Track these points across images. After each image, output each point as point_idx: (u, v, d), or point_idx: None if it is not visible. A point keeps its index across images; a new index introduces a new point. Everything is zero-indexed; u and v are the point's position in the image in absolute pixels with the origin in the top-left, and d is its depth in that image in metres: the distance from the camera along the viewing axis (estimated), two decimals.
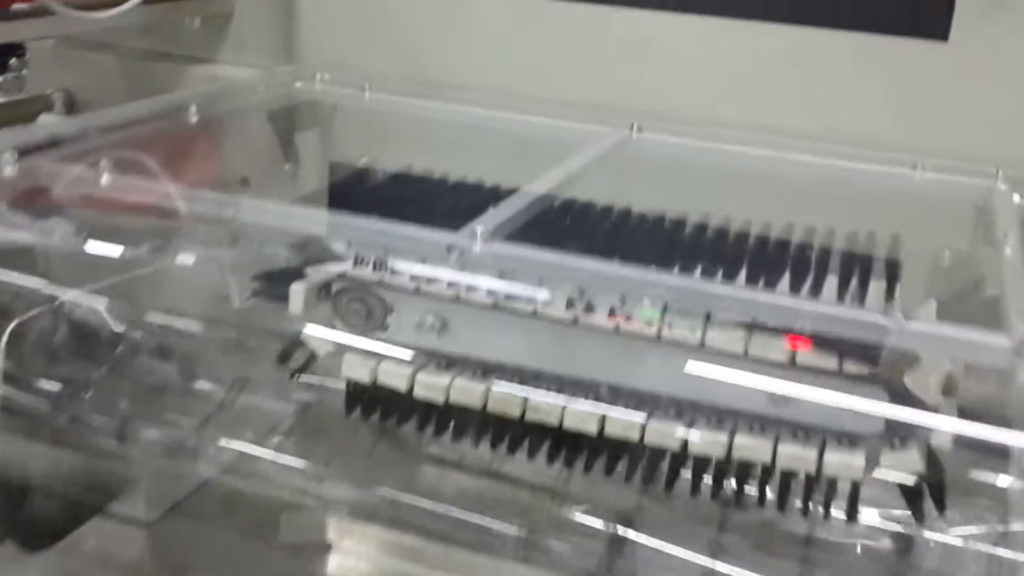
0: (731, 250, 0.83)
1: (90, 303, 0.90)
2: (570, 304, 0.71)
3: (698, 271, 0.77)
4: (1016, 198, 0.89)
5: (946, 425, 0.63)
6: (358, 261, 0.74)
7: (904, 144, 0.99)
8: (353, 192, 0.94)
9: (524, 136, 1.03)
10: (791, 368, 0.69)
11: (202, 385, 0.97)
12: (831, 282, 0.77)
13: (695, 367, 0.71)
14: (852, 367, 0.67)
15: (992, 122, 0.97)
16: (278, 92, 1.08)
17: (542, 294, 0.70)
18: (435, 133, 1.06)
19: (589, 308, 0.71)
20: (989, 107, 0.97)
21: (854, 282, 0.76)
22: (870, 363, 0.65)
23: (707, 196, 0.97)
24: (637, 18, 1.05)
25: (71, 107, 1.21)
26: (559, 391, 0.75)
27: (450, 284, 0.72)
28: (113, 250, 0.81)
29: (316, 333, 0.80)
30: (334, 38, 1.15)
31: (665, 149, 1.00)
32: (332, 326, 0.80)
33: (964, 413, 0.64)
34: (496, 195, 0.87)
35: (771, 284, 0.76)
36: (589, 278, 0.69)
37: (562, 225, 0.85)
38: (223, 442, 0.93)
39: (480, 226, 0.71)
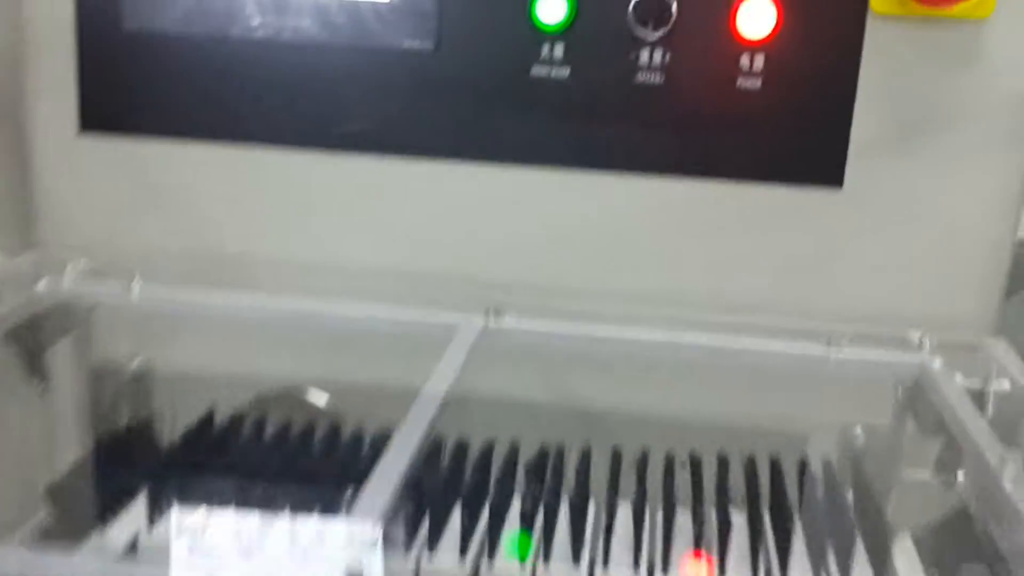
0: (658, 509, 0.65)
1: None
2: None
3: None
4: (959, 378, 0.75)
5: None
6: None
7: (808, 308, 0.85)
8: (124, 471, 0.69)
9: (352, 336, 0.81)
10: None
11: None
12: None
13: None
14: None
15: (899, 275, 0.85)
16: (15, 299, 0.81)
17: None
18: (235, 338, 0.82)
19: None
20: (894, 259, 0.85)
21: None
22: None
23: (595, 404, 0.79)
24: (482, 175, 0.86)
25: None
26: None
27: None
28: None
29: None
30: (89, 212, 0.90)
31: (530, 340, 0.81)
32: None
33: None
34: (333, 452, 0.64)
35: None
36: None
37: (433, 498, 0.64)
38: None
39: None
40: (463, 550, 0.67)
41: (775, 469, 0.74)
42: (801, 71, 0.82)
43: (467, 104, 0.85)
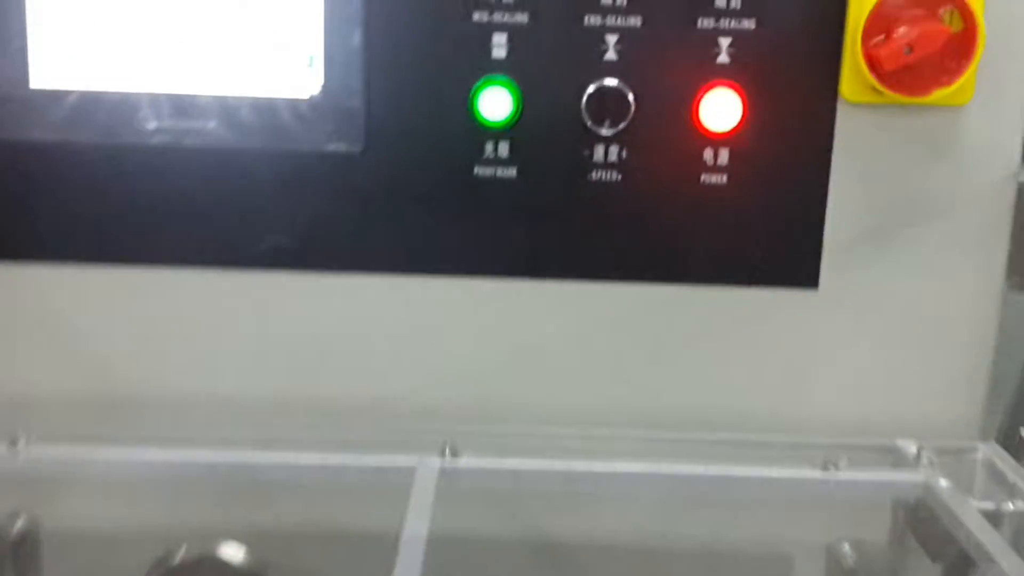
0: None
1: None
2: None
3: None
4: (974, 504, 0.68)
5: None
6: None
7: (787, 420, 0.78)
8: None
9: (289, 490, 0.70)
10: None
11: None
12: None
13: None
14: None
15: (880, 380, 0.79)
16: None
17: None
18: (150, 505, 0.70)
19: None
20: (874, 363, 0.79)
21: None
22: None
23: (575, 546, 0.70)
24: (421, 290, 0.77)
25: None
26: None
27: None
28: None
29: None
30: None
31: (493, 480, 0.71)
32: None
33: None
34: None
35: None
36: None
37: None
38: None
39: None
40: None
41: None
42: (769, 165, 0.75)
43: (402, 212, 0.76)
